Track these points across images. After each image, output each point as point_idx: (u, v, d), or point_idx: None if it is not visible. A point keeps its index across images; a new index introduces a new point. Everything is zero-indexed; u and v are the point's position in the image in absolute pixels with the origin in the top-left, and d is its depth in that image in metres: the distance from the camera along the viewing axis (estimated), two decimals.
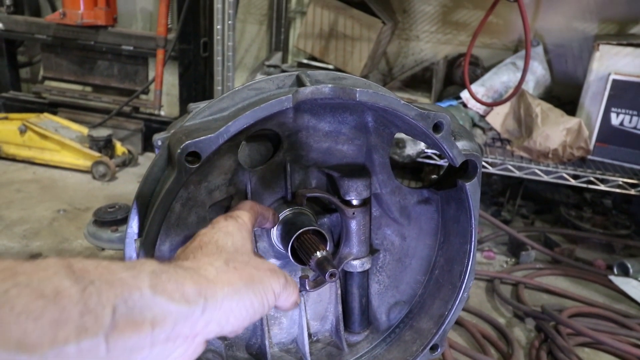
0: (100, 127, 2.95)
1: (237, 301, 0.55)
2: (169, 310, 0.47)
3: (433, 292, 0.93)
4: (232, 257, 0.60)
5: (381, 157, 0.88)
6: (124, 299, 0.43)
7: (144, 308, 0.45)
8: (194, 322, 0.50)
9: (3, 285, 0.37)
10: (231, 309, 0.54)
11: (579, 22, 2.75)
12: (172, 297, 0.48)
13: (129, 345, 0.43)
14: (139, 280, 0.46)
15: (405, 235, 0.95)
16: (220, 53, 2.40)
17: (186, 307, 0.49)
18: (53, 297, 0.39)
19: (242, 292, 0.56)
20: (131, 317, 0.44)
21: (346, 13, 2.66)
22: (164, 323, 0.46)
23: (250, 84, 0.74)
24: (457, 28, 2.98)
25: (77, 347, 0.39)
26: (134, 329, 0.44)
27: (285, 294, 0.63)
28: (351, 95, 0.70)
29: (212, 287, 0.53)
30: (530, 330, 1.73)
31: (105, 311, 0.42)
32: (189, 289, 0.50)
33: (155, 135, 0.74)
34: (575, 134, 2.24)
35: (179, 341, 0.49)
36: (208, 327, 0.52)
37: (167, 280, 0.49)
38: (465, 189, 0.81)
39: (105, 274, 0.44)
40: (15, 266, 0.39)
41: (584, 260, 2.18)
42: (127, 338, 0.43)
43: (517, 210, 2.58)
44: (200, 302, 0.51)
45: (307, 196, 0.85)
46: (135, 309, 0.44)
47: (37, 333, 0.37)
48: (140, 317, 0.44)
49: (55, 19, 2.96)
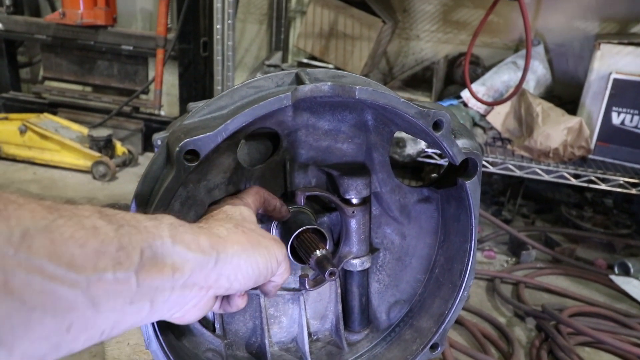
0: (101, 127, 2.95)
1: (245, 259, 0.60)
2: (187, 257, 0.52)
3: (433, 291, 0.93)
4: (240, 223, 0.65)
5: (381, 155, 0.88)
6: (149, 244, 0.48)
7: (166, 254, 0.49)
8: (207, 272, 0.54)
9: (51, 216, 0.41)
10: (239, 266, 0.59)
11: (580, 21, 2.75)
12: (189, 246, 0.52)
13: (154, 284, 0.48)
14: (160, 229, 0.50)
15: (405, 234, 0.94)
16: (220, 53, 2.40)
17: (201, 257, 0.54)
18: (92, 231, 0.43)
19: (249, 251, 0.61)
20: (155, 260, 0.48)
21: (346, 12, 2.66)
22: (182, 269, 0.51)
23: (249, 82, 0.74)
24: (458, 27, 2.98)
25: (114, 276, 0.43)
26: (158, 271, 0.48)
27: (284, 266, 0.68)
28: (350, 93, 0.70)
29: (223, 243, 0.58)
30: (530, 330, 1.73)
31: (135, 251, 0.46)
32: (204, 242, 0.55)
33: (155, 134, 0.74)
34: (576, 133, 2.23)
35: (194, 290, 0.54)
36: (219, 281, 0.56)
37: (184, 232, 0.53)
38: (466, 187, 0.81)
39: (132, 221, 0.48)
40: (57, 204, 0.43)
41: (584, 260, 2.18)
42: (153, 278, 0.48)
43: (518, 209, 2.58)
44: (213, 254, 0.55)
45: (306, 195, 0.84)
46: (158, 254, 0.48)
47: (83, 258, 0.41)
48: (162, 261, 0.49)
49: (55, 19, 2.96)
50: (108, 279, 0.43)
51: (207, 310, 0.59)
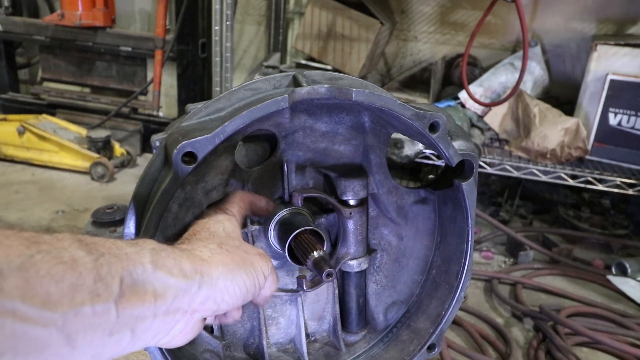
0: (99, 128, 2.95)
1: (230, 280, 0.59)
2: (168, 283, 0.51)
3: (430, 292, 0.93)
4: (224, 241, 0.64)
5: (378, 157, 0.88)
6: (129, 272, 0.47)
7: (147, 281, 0.49)
8: (191, 297, 0.54)
9: (29, 251, 0.40)
10: (226, 288, 0.58)
11: (577, 23, 2.76)
12: (171, 272, 0.52)
13: (135, 313, 0.47)
14: (141, 255, 0.50)
15: (403, 235, 0.95)
16: (218, 54, 2.40)
17: (184, 282, 0.53)
18: (71, 264, 0.42)
19: (235, 272, 0.60)
20: (136, 288, 0.47)
21: (344, 14, 2.67)
22: (164, 295, 0.50)
23: (247, 84, 0.74)
24: (455, 28, 2.99)
25: (92, 309, 0.43)
26: (138, 299, 0.47)
27: (271, 278, 0.67)
28: (347, 95, 0.70)
29: (207, 265, 0.57)
30: (528, 330, 1.73)
31: (114, 281, 0.45)
32: (186, 266, 0.54)
33: (154, 136, 0.74)
34: (573, 134, 2.24)
35: (178, 315, 0.53)
36: (205, 304, 0.56)
37: (166, 257, 0.53)
38: (462, 188, 0.81)
39: (112, 248, 0.48)
40: (37, 236, 0.43)
41: (582, 260, 2.18)
42: (133, 307, 0.47)
43: (516, 210, 2.58)
44: (196, 278, 0.54)
45: (304, 196, 0.85)
46: (139, 282, 0.48)
47: (59, 294, 0.41)
48: (144, 288, 0.48)
49: (53, 20, 2.96)
50: (85, 313, 0.43)
51: (195, 333, 0.58)
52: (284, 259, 0.86)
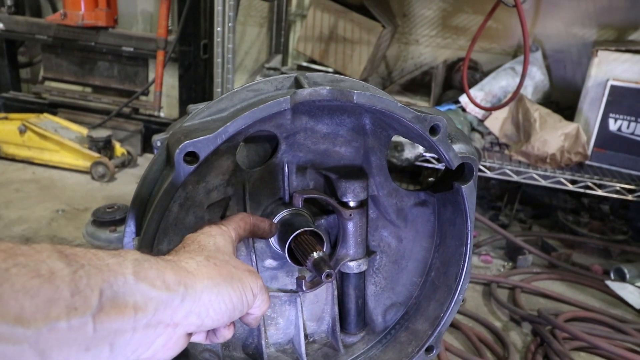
0: (100, 127, 2.95)
1: (216, 294, 0.57)
2: (150, 296, 0.49)
3: (429, 294, 0.94)
4: (212, 255, 0.62)
5: (378, 159, 0.89)
6: (109, 283, 0.46)
7: (127, 293, 0.47)
8: (173, 310, 0.52)
9: (4, 264, 0.40)
10: (210, 302, 0.56)
11: (578, 28, 2.77)
12: (153, 284, 0.50)
13: (113, 327, 0.46)
14: (123, 267, 0.48)
15: (402, 237, 0.95)
16: (220, 55, 2.41)
17: (166, 294, 0.51)
18: (48, 277, 0.41)
19: (221, 286, 0.58)
20: (116, 300, 0.46)
21: (346, 16, 2.67)
22: (145, 308, 0.49)
23: (249, 86, 0.75)
24: (457, 32, 3.00)
25: (67, 324, 0.42)
26: (118, 312, 0.46)
27: (261, 298, 0.65)
28: (349, 97, 0.71)
29: (191, 277, 0.55)
30: (526, 334, 1.73)
31: (93, 294, 0.44)
32: (169, 277, 0.52)
33: (155, 136, 0.74)
34: (573, 139, 2.25)
35: (160, 328, 0.51)
36: (188, 318, 0.54)
37: (149, 268, 0.51)
38: (461, 191, 0.82)
39: (93, 259, 0.47)
40: (14, 247, 0.42)
41: (580, 265, 2.19)
42: (112, 320, 0.45)
43: (515, 214, 2.59)
44: (179, 291, 0.53)
45: (304, 197, 0.86)
46: (119, 294, 0.46)
47: (33, 309, 0.39)
48: (124, 301, 0.47)
49: (56, 20, 2.97)
50: (61, 328, 0.41)
51: (179, 348, 0.56)
52: (283, 259, 0.86)
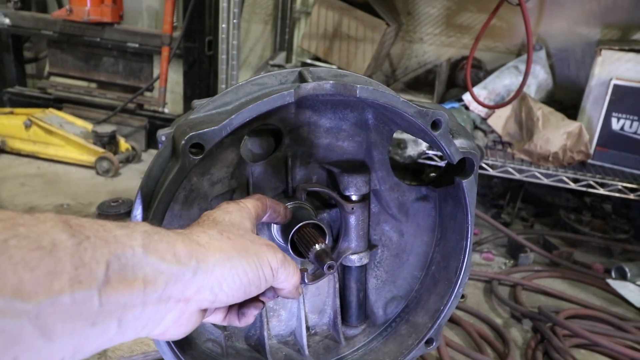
0: (105, 123, 2.97)
1: (229, 268, 0.54)
2: (160, 269, 0.47)
3: (429, 288, 0.95)
4: (227, 229, 0.60)
5: (381, 154, 0.90)
6: (117, 256, 0.44)
7: (136, 266, 0.45)
8: (185, 284, 0.50)
9: (3, 234, 0.38)
10: (224, 276, 0.54)
11: (582, 27, 2.77)
12: (164, 257, 0.48)
13: (121, 301, 0.44)
14: (132, 239, 0.46)
15: (403, 232, 0.97)
16: (225, 52, 2.42)
17: (177, 268, 0.49)
18: (50, 249, 0.39)
19: (234, 259, 0.55)
20: (124, 274, 0.44)
21: (350, 14, 2.68)
22: (155, 282, 0.47)
23: (254, 79, 0.76)
24: (461, 31, 3.00)
25: (71, 297, 0.40)
26: (126, 286, 0.44)
27: (285, 272, 0.62)
28: (352, 91, 0.72)
29: (203, 251, 0.53)
30: (527, 331, 1.74)
31: (99, 266, 0.42)
32: (180, 250, 0.50)
33: (160, 131, 0.76)
34: (575, 138, 2.25)
35: (170, 304, 0.49)
36: (200, 293, 0.52)
37: (159, 240, 0.49)
38: (462, 186, 0.83)
39: (100, 231, 0.45)
40: (16, 217, 0.40)
41: (582, 264, 2.19)
42: (120, 294, 0.44)
43: (517, 212, 2.59)
44: (191, 264, 0.50)
45: (307, 190, 0.87)
46: (127, 267, 0.44)
47: (33, 282, 0.38)
48: (133, 274, 0.45)
49: (62, 15, 2.98)
50: (64, 302, 0.39)
51: (191, 325, 0.54)
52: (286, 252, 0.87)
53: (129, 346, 1.11)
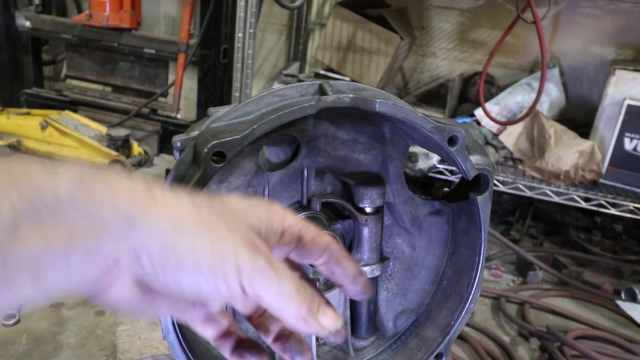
0: (119, 127, 3.01)
1: (175, 236, 0.40)
2: (90, 215, 0.38)
3: (440, 302, 0.95)
4: (205, 205, 0.44)
5: (396, 167, 0.91)
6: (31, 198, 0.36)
7: (58, 212, 0.37)
8: (115, 237, 0.39)
9: None
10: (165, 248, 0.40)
11: (596, 47, 2.77)
12: (95, 201, 0.39)
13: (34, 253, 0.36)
14: (57, 179, 0.38)
15: (416, 245, 0.97)
16: (239, 60, 2.45)
17: (111, 215, 0.39)
18: None
19: (186, 230, 0.41)
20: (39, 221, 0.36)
21: (365, 27, 2.71)
22: (83, 232, 0.38)
23: (275, 91, 0.77)
24: (474, 47, 3.01)
25: None
26: (41, 236, 0.36)
27: (270, 288, 0.43)
28: (371, 105, 0.73)
29: (152, 205, 0.41)
30: (534, 350, 1.73)
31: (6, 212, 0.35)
32: (121, 197, 0.40)
33: (175, 136, 0.77)
34: (587, 157, 2.25)
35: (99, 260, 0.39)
36: (130, 254, 0.40)
37: (94, 182, 0.40)
38: (477, 202, 0.83)
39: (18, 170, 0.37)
40: None
41: (591, 284, 2.18)
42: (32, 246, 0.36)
43: (526, 230, 2.59)
44: (127, 214, 0.40)
45: (322, 201, 0.88)
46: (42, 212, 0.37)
47: None
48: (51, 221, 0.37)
49: (81, 20, 3.04)
50: None
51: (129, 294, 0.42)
52: None
53: (138, 349, 1.12)
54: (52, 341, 1.53)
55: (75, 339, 1.55)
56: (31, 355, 1.48)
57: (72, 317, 1.63)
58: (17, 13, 3.19)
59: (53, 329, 1.58)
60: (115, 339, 1.19)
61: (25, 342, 1.52)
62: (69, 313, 1.65)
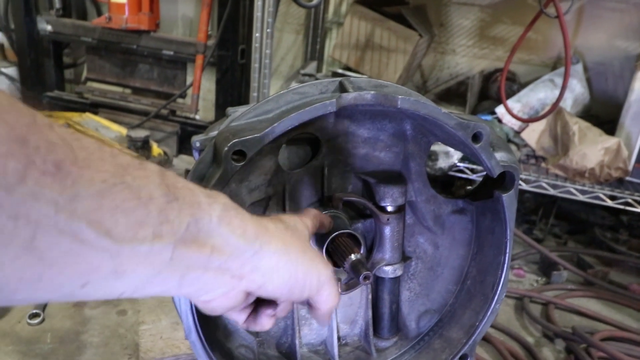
0: (139, 128, 3.04)
1: (285, 261, 0.57)
2: (229, 241, 0.51)
3: (464, 302, 0.93)
4: (291, 228, 0.63)
5: (418, 165, 0.89)
6: (196, 220, 0.48)
7: (210, 233, 0.50)
8: (244, 261, 0.53)
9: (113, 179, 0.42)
10: (278, 266, 0.56)
11: (621, 41, 2.71)
12: (234, 230, 0.52)
13: (189, 260, 0.48)
14: (212, 208, 0.50)
15: (438, 244, 0.95)
16: (257, 60, 2.45)
17: (243, 243, 0.53)
18: (145, 202, 0.44)
19: (292, 254, 0.58)
20: (197, 236, 0.48)
21: (383, 25, 2.69)
22: (221, 251, 0.50)
23: (295, 88, 0.76)
24: (495, 43, 2.97)
25: (150, 248, 0.44)
26: (197, 248, 0.48)
27: (328, 290, 0.63)
28: (393, 102, 0.72)
29: (268, 236, 0.56)
30: (559, 352, 1.69)
31: (180, 226, 0.47)
32: (250, 229, 0.54)
33: (194, 137, 0.77)
34: (613, 154, 2.19)
35: (227, 276, 0.52)
36: (253, 274, 0.54)
37: (234, 215, 0.53)
38: (502, 200, 0.81)
39: (188, 195, 0.49)
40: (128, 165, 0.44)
41: (618, 284, 2.12)
42: (190, 253, 0.48)
43: (550, 229, 2.54)
44: (255, 244, 0.54)
45: (343, 200, 0.87)
46: (202, 231, 0.49)
47: (124, 227, 0.42)
48: (205, 239, 0.49)
49: (101, 23, 3.07)
50: (142, 251, 0.44)
51: (233, 303, 0.57)
52: None
53: (160, 348, 1.12)
54: (75, 340, 1.55)
55: (98, 338, 1.56)
56: (56, 353, 1.50)
57: (95, 317, 1.65)
58: (39, 17, 3.25)
59: (77, 328, 1.60)
60: (137, 338, 1.20)
61: (50, 341, 1.54)
62: (91, 312, 1.66)
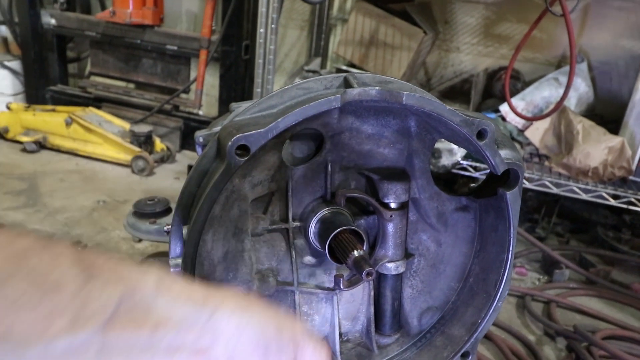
0: (142, 123, 3.04)
1: (248, 318, 0.47)
2: (172, 310, 0.43)
3: (466, 300, 0.93)
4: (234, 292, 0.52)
5: (422, 162, 0.89)
6: (127, 295, 0.41)
7: (149, 306, 0.42)
8: (199, 331, 0.44)
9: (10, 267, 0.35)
10: (241, 327, 0.46)
11: (627, 40, 2.69)
12: (178, 297, 0.44)
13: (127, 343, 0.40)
14: (145, 279, 0.43)
15: (441, 242, 0.95)
16: (261, 56, 2.44)
17: (191, 309, 0.44)
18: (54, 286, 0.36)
19: (254, 311, 0.48)
20: (133, 312, 0.41)
21: (388, 22, 2.68)
22: (166, 324, 0.42)
23: (299, 84, 0.76)
24: (499, 41, 2.96)
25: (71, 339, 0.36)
26: (134, 326, 0.40)
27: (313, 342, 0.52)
28: (398, 98, 0.71)
29: (221, 296, 0.47)
30: (560, 350, 1.69)
31: (108, 304, 0.39)
32: (197, 292, 0.46)
33: (197, 132, 0.77)
34: (617, 153, 2.18)
35: (182, 356, 0.43)
36: (214, 347, 0.44)
37: (174, 281, 0.46)
38: (506, 197, 0.81)
39: (112, 269, 0.42)
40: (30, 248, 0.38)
41: (620, 283, 2.12)
42: (127, 334, 0.40)
43: (552, 227, 2.53)
44: (207, 308, 0.45)
45: (346, 196, 0.86)
46: (138, 306, 0.41)
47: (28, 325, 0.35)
48: (143, 315, 0.41)
49: (105, 17, 3.07)
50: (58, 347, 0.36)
51: None
52: (322, 257, 0.87)
53: None
54: None
55: None
56: None
57: None
58: (43, 11, 3.25)
59: None
60: None
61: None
62: None
